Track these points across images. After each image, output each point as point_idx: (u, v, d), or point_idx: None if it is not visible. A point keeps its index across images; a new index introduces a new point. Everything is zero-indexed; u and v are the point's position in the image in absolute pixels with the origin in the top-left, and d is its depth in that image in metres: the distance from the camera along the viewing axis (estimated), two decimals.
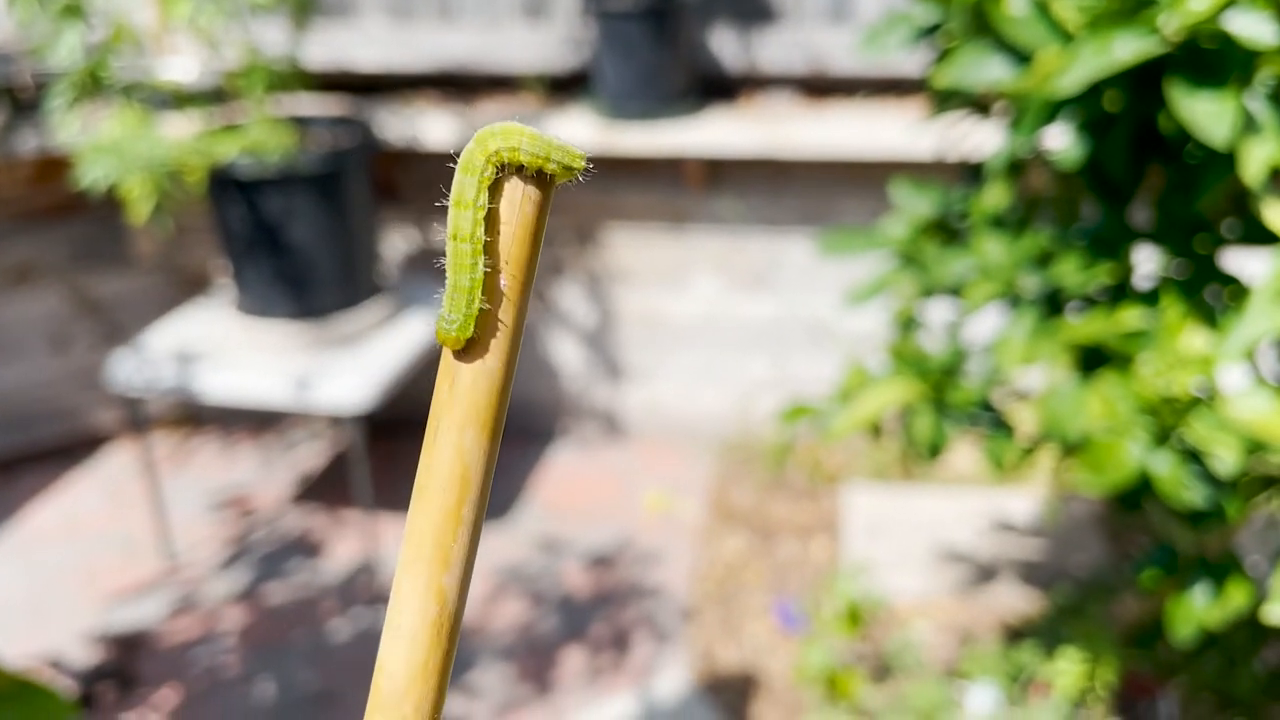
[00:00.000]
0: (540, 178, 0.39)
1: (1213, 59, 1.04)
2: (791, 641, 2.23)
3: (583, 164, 0.39)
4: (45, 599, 2.44)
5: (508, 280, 0.39)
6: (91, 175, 2.09)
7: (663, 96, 2.59)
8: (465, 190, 0.38)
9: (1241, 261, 1.37)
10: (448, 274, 0.39)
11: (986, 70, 1.21)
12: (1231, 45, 1.03)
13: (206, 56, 2.35)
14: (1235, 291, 1.29)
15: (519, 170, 0.39)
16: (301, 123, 2.44)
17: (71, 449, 2.97)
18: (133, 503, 2.74)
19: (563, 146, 0.38)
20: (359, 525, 2.64)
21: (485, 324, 0.39)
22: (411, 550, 0.39)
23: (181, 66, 2.36)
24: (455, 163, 0.39)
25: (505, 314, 0.39)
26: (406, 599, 0.39)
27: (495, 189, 0.39)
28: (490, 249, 0.39)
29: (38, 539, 2.64)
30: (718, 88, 2.74)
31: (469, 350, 0.39)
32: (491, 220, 0.39)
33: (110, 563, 2.55)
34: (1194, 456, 1.16)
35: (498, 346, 0.39)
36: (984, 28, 1.25)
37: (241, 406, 2.51)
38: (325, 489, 2.83)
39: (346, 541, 2.61)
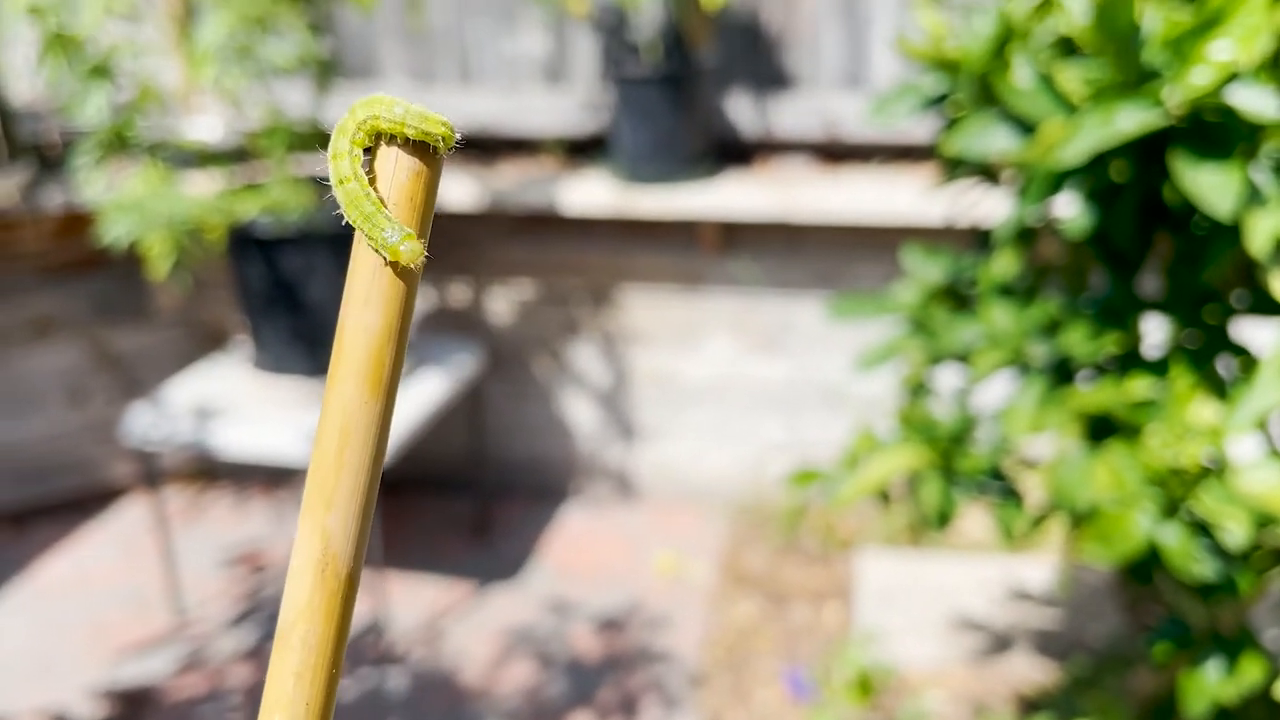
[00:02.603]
0: (420, 148, 0.41)
1: (1217, 131, 1.04)
2: (802, 710, 2.19)
3: (443, 129, 0.41)
4: (53, 652, 2.44)
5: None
6: (114, 232, 2.12)
7: (679, 160, 2.62)
8: (339, 145, 0.41)
9: (1252, 332, 1.37)
10: (349, 217, 0.40)
11: (993, 140, 1.22)
12: (1235, 118, 1.04)
13: (230, 117, 2.39)
14: (1246, 362, 1.28)
15: (390, 140, 0.41)
16: (322, 182, 2.47)
17: (85, 502, 2.98)
18: (144, 557, 2.74)
19: (420, 113, 0.40)
20: (367, 584, 2.63)
21: (367, 284, 0.40)
22: (307, 495, 0.42)
23: (205, 126, 2.40)
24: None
25: (382, 277, 0.40)
26: (299, 539, 0.42)
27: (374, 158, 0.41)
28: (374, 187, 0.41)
29: (48, 592, 2.65)
30: (734, 152, 2.77)
31: (356, 307, 0.41)
32: (373, 179, 0.41)
33: (119, 617, 2.55)
34: (1204, 529, 1.15)
35: (377, 304, 0.40)
36: (990, 98, 1.26)
37: (256, 462, 2.52)
38: None
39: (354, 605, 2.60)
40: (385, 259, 0.40)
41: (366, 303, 0.40)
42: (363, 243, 0.41)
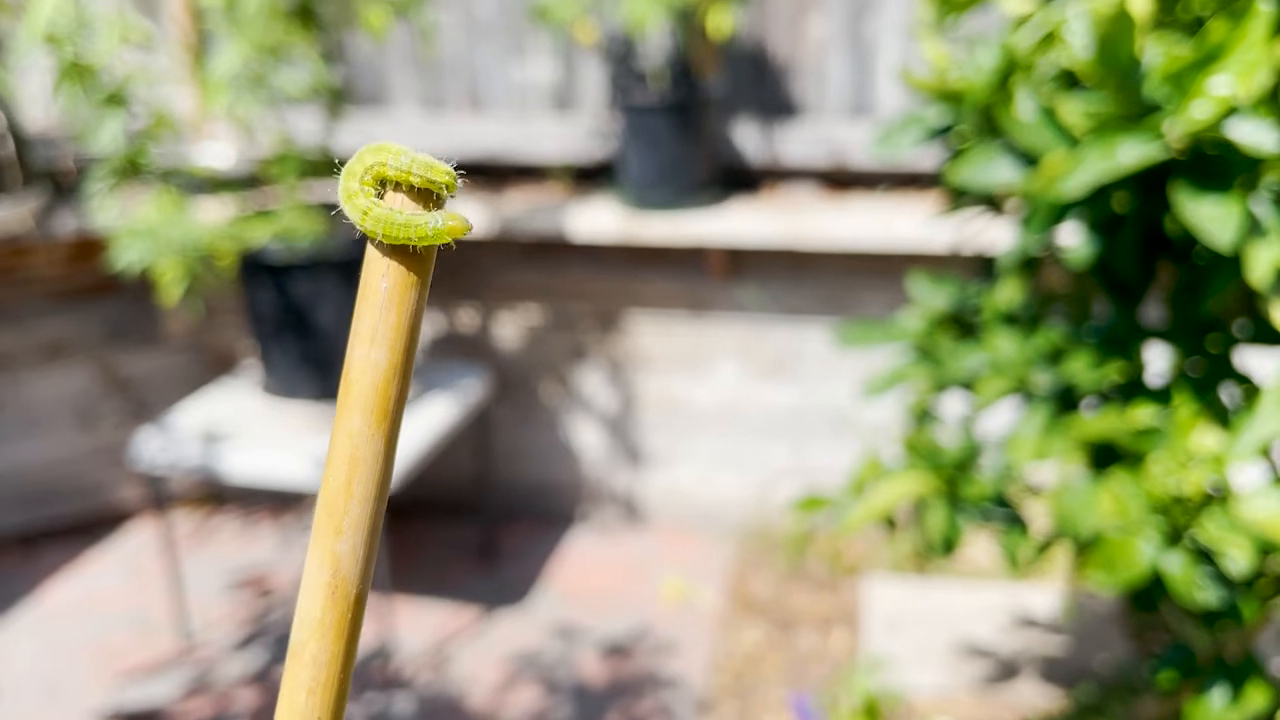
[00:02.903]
0: (423, 194, 0.42)
1: (1216, 164, 1.06)
2: None
3: (447, 178, 0.41)
4: (60, 675, 2.44)
5: (389, 282, 0.42)
6: (127, 257, 2.15)
7: (686, 187, 2.64)
8: (350, 185, 0.41)
9: (1256, 361, 1.38)
10: (389, 236, 0.41)
11: (996, 171, 1.24)
12: (1235, 151, 1.05)
13: (242, 144, 2.42)
14: (1249, 391, 1.29)
15: (395, 186, 0.42)
16: (332, 209, 2.50)
17: (93, 526, 3.00)
18: (151, 580, 2.75)
19: (426, 162, 0.41)
20: (374, 608, 2.63)
21: (374, 321, 0.42)
22: (317, 521, 0.43)
23: (218, 153, 2.43)
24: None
25: (389, 315, 0.42)
26: (310, 563, 0.43)
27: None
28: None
29: (55, 615, 2.65)
30: (741, 179, 2.79)
31: (363, 344, 0.42)
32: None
33: (126, 641, 2.56)
34: (1207, 556, 1.16)
35: (383, 341, 0.42)
36: (994, 130, 1.28)
37: (263, 486, 2.53)
38: None
39: (363, 624, 2.60)
40: (447, 244, 0.42)
41: (373, 340, 0.42)
42: (371, 280, 0.42)
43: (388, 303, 0.42)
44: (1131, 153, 1.04)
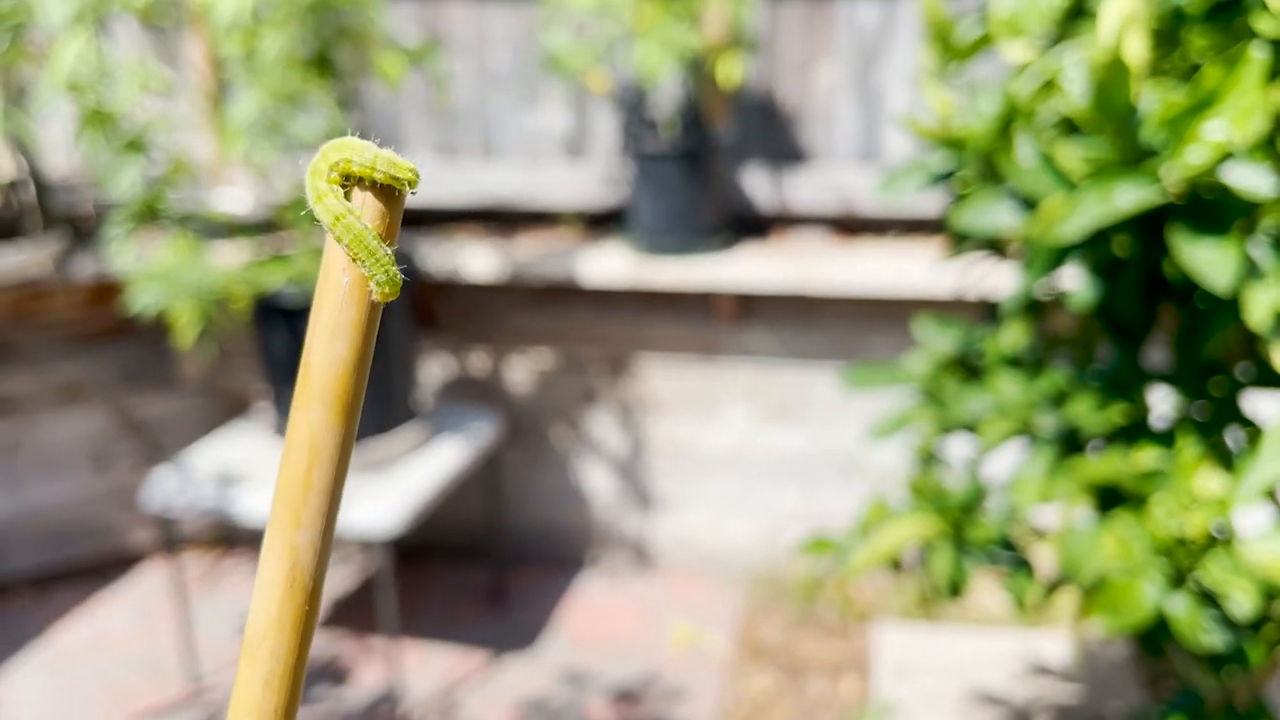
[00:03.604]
0: (384, 190, 0.43)
1: (1213, 208, 1.07)
2: None
3: (409, 174, 0.42)
4: (69, 718, 2.44)
5: (350, 276, 0.42)
6: (143, 301, 2.18)
7: (696, 233, 2.66)
8: (318, 185, 0.42)
9: (1262, 404, 1.38)
10: (351, 251, 0.42)
11: (997, 215, 1.25)
12: (1231, 195, 1.07)
13: (259, 189, 2.46)
14: (1253, 434, 1.29)
15: (359, 182, 0.42)
16: None
17: (105, 568, 3.01)
18: (162, 623, 2.75)
19: (390, 159, 0.42)
20: (384, 652, 2.63)
21: (335, 315, 0.42)
22: (274, 512, 0.43)
23: (234, 198, 2.47)
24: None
25: (350, 309, 0.42)
26: (267, 555, 0.43)
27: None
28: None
29: (66, 657, 2.66)
30: (751, 225, 2.81)
31: (324, 338, 0.42)
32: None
33: (135, 683, 2.56)
34: (1211, 599, 1.15)
35: (344, 335, 0.42)
36: (995, 175, 1.29)
37: None
38: (352, 614, 2.83)
39: (371, 668, 2.60)
40: (377, 292, 0.42)
41: (334, 334, 0.42)
42: (332, 273, 0.42)
43: (349, 298, 0.42)
44: (1128, 197, 1.05)
